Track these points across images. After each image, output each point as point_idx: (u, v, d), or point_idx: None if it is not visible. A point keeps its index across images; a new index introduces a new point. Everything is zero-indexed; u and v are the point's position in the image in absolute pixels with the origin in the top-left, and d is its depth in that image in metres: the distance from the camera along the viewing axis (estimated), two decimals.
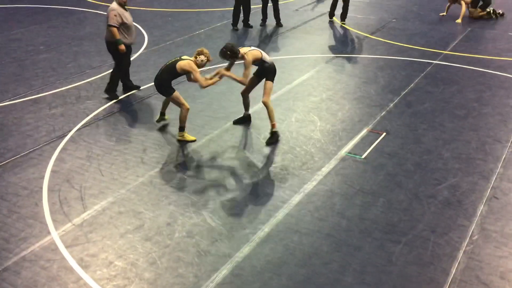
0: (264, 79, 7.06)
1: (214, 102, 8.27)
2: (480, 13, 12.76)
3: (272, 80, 7.01)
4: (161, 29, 12.20)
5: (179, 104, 6.96)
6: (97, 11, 13.81)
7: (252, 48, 6.97)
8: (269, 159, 6.57)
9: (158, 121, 7.54)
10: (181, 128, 7.02)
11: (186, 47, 10.96)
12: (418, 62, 9.94)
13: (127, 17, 8.13)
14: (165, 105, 7.44)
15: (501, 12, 13.00)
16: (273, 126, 6.99)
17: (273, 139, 6.99)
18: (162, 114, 7.50)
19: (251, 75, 6.97)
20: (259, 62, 6.94)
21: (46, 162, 6.55)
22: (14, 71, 9.61)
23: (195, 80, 6.89)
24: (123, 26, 8.06)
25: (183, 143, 7.00)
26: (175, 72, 6.80)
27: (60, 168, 6.43)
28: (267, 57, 6.98)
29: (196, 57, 6.85)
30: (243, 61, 6.81)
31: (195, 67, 6.78)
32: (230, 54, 6.71)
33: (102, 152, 6.78)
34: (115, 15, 7.95)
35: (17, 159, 6.64)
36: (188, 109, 6.97)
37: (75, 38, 11.50)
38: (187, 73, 6.92)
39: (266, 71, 6.99)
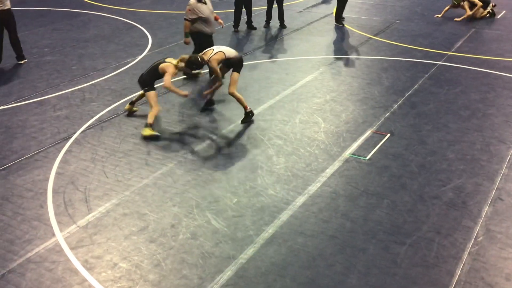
0: (232, 70, 7.55)
1: (216, 103, 8.27)
2: (483, 14, 12.75)
3: (238, 72, 7.50)
4: (165, 31, 12.23)
5: (151, 104, 7.32)
6: (101, 13, 13.85)
7: (216, 50, 7.40)
8: (273, 161, 6.58)
9: (127, 109, 7.89)
10: (147, 125, 7.19)
11: (190, 49, 10.97)
12: (422, 63, 9.93)
13: (203, 10, 8.63)
14: (138, 98, 7.83)
15: (493, 4, 13.16)
16: (245, 108, 7.54)
17: (248, 118, 7.56)
18: (132, 103, 7.87)
19: (220, 71, 7.52)
20: (224, 61, 7.43)
21: (50, 164, 6.57)
22: (18, 73, 9.65)
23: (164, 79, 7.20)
24: (201, 19, 8.65)
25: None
26: (157, 73, 7.28)
27: (64, 170, 6.45)
28: (231, 54, 7.46)
29: (178, 62, 7.31)
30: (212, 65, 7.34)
31: (171, 70, 7.19)
32: (196, 66, 7.22)
33: (107, 154, 6.80)
34: (189, 10, 8.65)
35: (22, 161, 6.66)
36: (158, 111, 7.35)
37: (79, 41, 11.54)
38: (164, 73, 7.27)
39: (232, 64, 7.48)
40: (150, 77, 7.31)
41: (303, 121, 7.63)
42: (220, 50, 7.42)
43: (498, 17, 13.13)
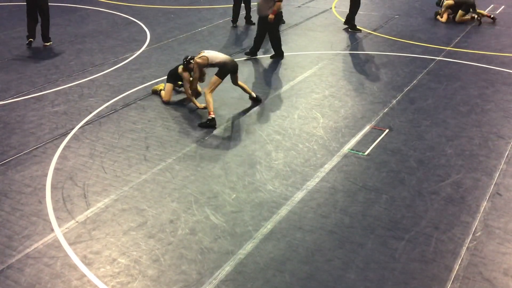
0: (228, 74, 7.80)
1: (216, 99, 8.26)
2: (463, 18, 12.21)
3: (220, 76, 7.52)
4: (163, 26, 12.21)
5: (163, 92, 8.18)
6: (99, 8, 13.81)
7: (202, 54, 7.64)
8: (271, 156, 6.58)
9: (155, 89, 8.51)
10: (161, 90, 8.33)
11: (189, 44, 10.96)
12: (421, 59, 9.92)
13: None
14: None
15: (491, 16, 12.29)
16: (209, 114, 7.37)
17: (205, 124, 7.35)
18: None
19: (197, 78, 7.90)
20: (208, 65, 7.65)
21: (49, 160, 6.57)
22: (16, 68, 9.62)
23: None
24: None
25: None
26: (178, 72, 8.08)
27: (63, 165, 6.45)
28: (216, 59, 7.58)
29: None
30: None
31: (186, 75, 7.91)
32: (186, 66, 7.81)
33: (105, 150, 6.79)
34: None
35: (20, 157, 6.65)
36: (163, 101, 8.12)
37: (77, 36, 11.51)
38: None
39: (218, 68, 7.63)
40: (172, 73, 8.17)
41: (302, 117, 7.62)
42: (204, 55, 7.60)
43: (497, 12, 13.11)
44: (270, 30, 9.79)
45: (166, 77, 8.45)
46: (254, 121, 7.52)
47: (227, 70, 7.56)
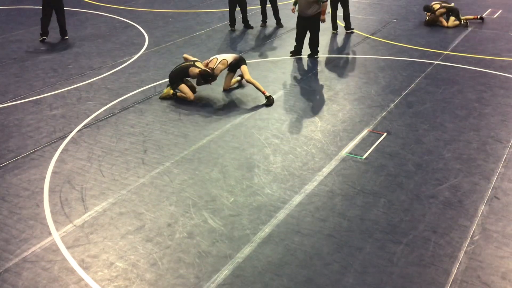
0: (238, 69, 8.57)
1: (215, 102, 8.27)
2: (455, 22, 12.22)
3: (245, 64, 8.50)
4: (162, 30, 12.22)
5: (183, 95, 8.28)
6: (98, 12, 13.82)
7: (220, 59, 8.30)
8: (269, 160, 6.58)
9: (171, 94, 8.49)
10: (174, 93, 8.38)
11: (187, 47, 10.97)
12: (418, 63, 9.94)
13: None
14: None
15: (479, 17, 12.61)
16: (263, 93, 8.19)
17: (270, 101, 8.14)
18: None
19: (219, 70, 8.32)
20: (228, 66, 8.42)
21: (47, 163, 6.56)
22: (15, 72, 9.62)
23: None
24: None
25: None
26: (186, 73, 8.24)
27: (61, 169, 6.44)
28: (231, 58, 8.42)
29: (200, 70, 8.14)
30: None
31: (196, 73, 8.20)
32: (211, 78, 8.09)
33: (103, 153, 6.78)
34: None
35: (18, 160, 6.64)
36: (191, 100, 8.23)
37: (76, 39, 11.51)
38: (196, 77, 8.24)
39: (236, 65, 8.50)
40: (179, 74, 8.28)
41: (300, 120, 7.63)
42: (223, 58, 8.33)
43: (494, 16, 13.16)
44: (314, 30, 10.00)
45: (167, 80, 8.47)
46: (252, 124, 7.52)
47: (243, 59, 8.50)
